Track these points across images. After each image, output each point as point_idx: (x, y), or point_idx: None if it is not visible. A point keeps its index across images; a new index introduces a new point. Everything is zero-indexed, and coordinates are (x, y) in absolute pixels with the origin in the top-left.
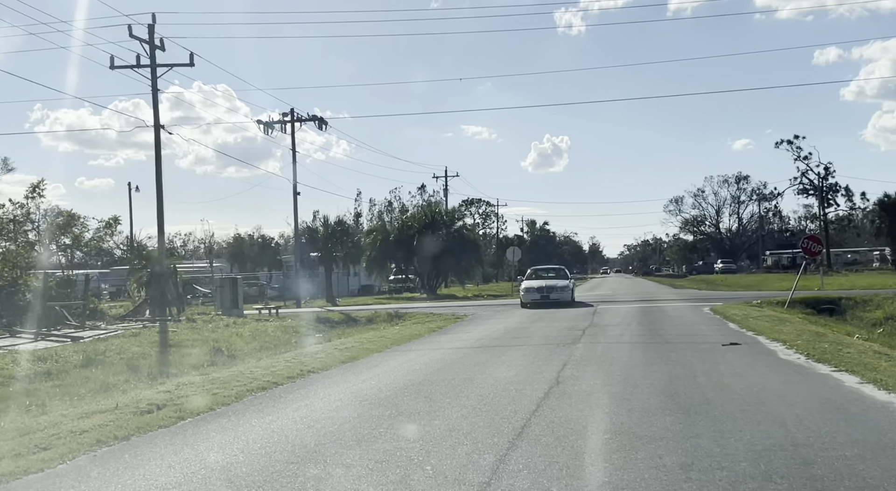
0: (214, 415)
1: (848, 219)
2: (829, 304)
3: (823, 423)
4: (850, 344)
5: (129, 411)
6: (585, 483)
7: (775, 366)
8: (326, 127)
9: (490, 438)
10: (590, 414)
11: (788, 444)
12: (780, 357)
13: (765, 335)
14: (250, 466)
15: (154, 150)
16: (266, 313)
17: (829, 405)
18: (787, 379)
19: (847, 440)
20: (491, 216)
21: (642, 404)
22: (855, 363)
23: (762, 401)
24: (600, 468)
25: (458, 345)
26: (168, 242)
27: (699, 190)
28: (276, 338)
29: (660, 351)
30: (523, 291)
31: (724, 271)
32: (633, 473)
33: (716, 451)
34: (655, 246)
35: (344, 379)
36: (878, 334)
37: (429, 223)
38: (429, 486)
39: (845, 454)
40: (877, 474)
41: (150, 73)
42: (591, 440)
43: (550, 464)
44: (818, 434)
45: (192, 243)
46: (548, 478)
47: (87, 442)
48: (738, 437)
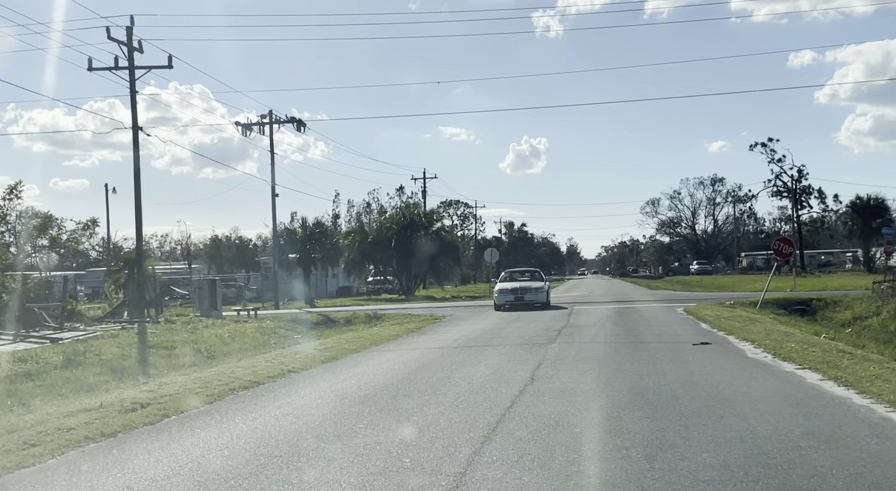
0: (198, 413)
1: (821, 221)
2: (801, 304)
3: (783, 417)
4: (816, 343)
5: (114, 410)
6: (555, 473)
7: (742, 364)
8: (305, 129)
9: (466, 432)
10: (562, 410)
11: (748, 436)
12: (747, 356)
13: (735, 335)
14: (236, 460)
15: (132, 151)
16: (244, 315)
17: (789, 401)
18: (752, 376)
19: (803, 433)
20: (469, 217)
21: (612, 401)
22: (818, 361)
23: (727, 397)
24: (570, 460)
25: (436, 345)
26: (144, 244)
27: (675, 192)
28: (255, 339)
29: (632, 350)
30: (497, 292)
31: (700, 272)
32: (601, 464)
33: (679, 443)
34: (633, 247)
35: (324, 378)
36: (845, 334)
37: (407, 225)
38: (407, 476)
39: (800, 445)
40: (827, 463)
41: (128, 75)
42: (562, 434)
43: (523, 456)
44: (777, 427)
45: (169, 245)
46: (520, 468)
47: (74, 439)
48: (701, 430)
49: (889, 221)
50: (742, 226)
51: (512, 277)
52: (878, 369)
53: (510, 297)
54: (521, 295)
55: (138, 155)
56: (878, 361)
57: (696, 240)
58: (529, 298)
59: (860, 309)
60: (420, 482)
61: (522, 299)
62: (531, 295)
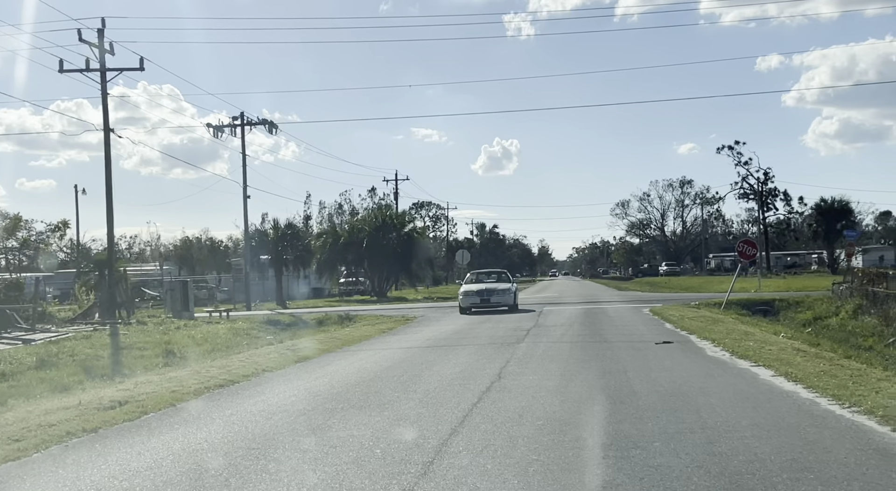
0: (175, 410)
1: (787, 223)
2: (764, 305)
3: (733, 410)
4: (774, 342)
5: (93, 407)
6: (517, 461)
7: (701, 362)
8: (276, 130)
9: (434, 425)
10: (526, 405)
11: (698, 427)
12: (706, 354)
13: (697, 334)
14: (214, 452)
15: (102, 152)
16: (217, 316)
17: (741, 395)
18: (709, 373)
19: (750, 424)
20: (441, 219)
21: (574, 396)
22: (773, 359)
23: (683, 392)
24: (531, 449)
25: (408, 345)
26: (107, 244)
27: (645, 194)
28: (228, 340)
29: (597, 349)
30: (462, 294)
31: (669, 274)
32: (559, 452)
33: (633, 433)
34: (603, 249)
35: (297, 377)
36: (805, 334)
37: (379, 226)
38: (379, 465)
39: (745, 435)
40: (767, 450)
41: (99, 77)
42: (525, 427)
43: (487, 446)
44: (726, 419)
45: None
46: (484, 457)
47: (57, 434)
48: (655, 422)
49: (853, 223)
50: (710, 228)
51: (478, 278)
52: (828, 366)
53: (476, 299)
54: (487, 297)
55: (110, 158)
56: (829, 358)
57: (666, 241)
58: (496, 301)
59: (821, 309)
60: (391, 470)
61: (489, 302)
62: (498, 297)
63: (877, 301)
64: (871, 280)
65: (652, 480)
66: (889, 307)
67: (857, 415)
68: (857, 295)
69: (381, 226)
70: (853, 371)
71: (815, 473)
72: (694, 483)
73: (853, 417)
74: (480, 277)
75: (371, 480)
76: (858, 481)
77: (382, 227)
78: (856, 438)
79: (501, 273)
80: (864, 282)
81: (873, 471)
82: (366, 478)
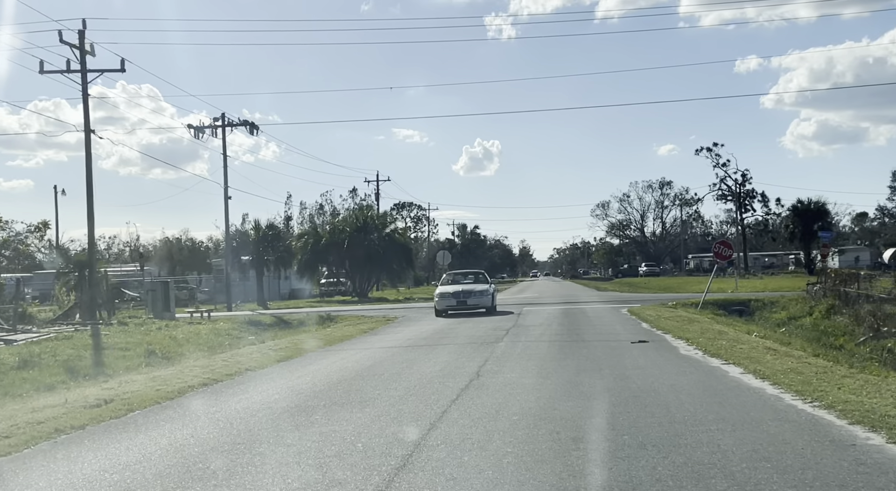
0: (161, 407)
1: (764, 224)
2: (740, 305)
3: (701, 405)
4: (746, 341)
5: (79, 405)
6: (492, 453)
7: (674, 360)
8: (258, 131)
9: (414, 421)
10: (503, 401)
11: (666, 421)
12: (680, 353)
13: (672, 334)
14: (201, 447)
15: (82, 152)
16: (198, 316)
17: (710, 391)
18: (680, 371)
19: (716, 418)
20: (422, 220)
21: (550, 393)
22: (743, 357)
23: (654, 389)
24: (506, 442)
25: (389, 345)
26: (88, 245)
27: (625, 195)
28: (209, 340)
29: (574, 348)
30: (437, 296)
31: (648, 274)
32: (533, 445)
33: (604, 427)
34: (584, 249)
35: (280, 376)
36: (779, 333)
37: (360, 227)
38: (360, 458)
39: (710, 429)
40: (730, 442)
41: (80, 78)
42: (501, 422)
43: (464, 440)
44: (693, 414)
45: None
46: (461, 450)
47: (46, 431)
48: (625, 417)
49: (829, 225)
50: (689, 228)
51: (454, 279)
52: (796, 364)
53: (452, 301)
54: (464, 299)
55: (90, 157)
56: (797, 356)
57: (645, 242)
58: (473, 303)
59: (795, 309)
60: (372, 462)
61: (465, 304)
62: (475, 299)
63: (848, 301)
64: (843, 281)
65: (619, 470)
66: (860, 307)
67: (817, 409)
68: (829, 295)
69: (362, 227)
70: (819, 368)
71: (773, 462)
72: (658, 472)
73: (814, 411)
74: (457, 278)
75: (353, 472)
76: (812, 470)
77: (364, 227)
78: (814, 430)
79: (479, 274)
80: (836, 282)
81: (827, 460)
82: (348, 470)
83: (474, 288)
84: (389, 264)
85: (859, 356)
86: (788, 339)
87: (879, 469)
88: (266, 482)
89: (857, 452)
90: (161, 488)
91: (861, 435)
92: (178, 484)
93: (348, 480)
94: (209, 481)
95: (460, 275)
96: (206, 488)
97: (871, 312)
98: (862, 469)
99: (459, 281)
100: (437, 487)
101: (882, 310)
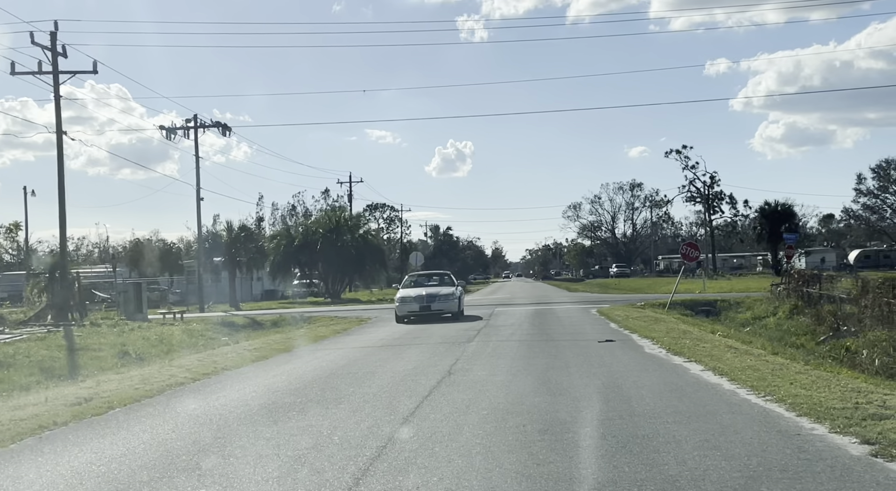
0: (140, 405)
1: (732, 225)
2: (707, 306)
3: (660, 399)
4: (709, 340)
5: (60, 403)
6: (462, 444)
7: (638, 358)
8: (230, 133)
9: (388, 416)
10: (473, 397)
11: (627, 415)
12: (645, 351)
13: (638, 333)
14: (183, 441)
15: (56, 155)
16: (171, 318)
17: (670, 387)
18: (644, 368)
19: (673, 412)
20: (395, 221)
21: (518, 389)
22: (705, 355)
23: (618, 385)
24: (475, 434)
25: (362, 344)
26: (60, 247)
27: (596, 196)
28: (183, 341)
29: (543, 347)
30: (398, 301)
31: (619, 275)
32: (500, 436)
33: (568, 421)
34: (556, 250)
35: (256, 375)
36: (740, 332)
37: (333, 228)
38: (336, 449)
39: (667, 421)
40: (685, 433)
41: (52, 79)
42: (471, 416)
43: (436, 433)
44: (653, 408)
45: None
46: (433, 442)
47: (30, 427)
48: (589, 411)
49: (796, 227)
50: (659, 230)
51: (417, 281)
52: (754, 361)
53: (414, 306)
54: (427, 303)
55: (62, 159)
56: (757, 354)
57: (616, 243)
58: (438, 307)
59: (759, 309)
60: (348, 453)
61: (429, 309)
62: (440, 303)
63: (811, 301)
64: (805, 282)
65: (580, 459)
66: (821, 307)
67: (769, 403)
68: (793, 296)
69: (335, 228)
70: (775, 366)
71: (723, 450)
72: (616, 460)
73: (766, 404)
74: (420, 281)
75: (330, 463)
76: (758, 457)
77: (336, 229)
78: (764, 422)
79: (444, 275)
80: (799, 283)
81: (772, 448)
82: (325, 460)
83: (439, 291)
84: (362, 266)
85: (818, 354)
86: (751, 338)
87: (819, 456)
88: (247, 472)
89: (801, 440)
90: (147, 478)
91: (806, 426)
92: (164, 474)
93: (325, 469)
94: (193, 473)
95: (424, 276)
96: (190, 479)
97: (832, 312)
98: (803, 456)
99: (423, 283)
100: (409, 474)
101: (842, 310)
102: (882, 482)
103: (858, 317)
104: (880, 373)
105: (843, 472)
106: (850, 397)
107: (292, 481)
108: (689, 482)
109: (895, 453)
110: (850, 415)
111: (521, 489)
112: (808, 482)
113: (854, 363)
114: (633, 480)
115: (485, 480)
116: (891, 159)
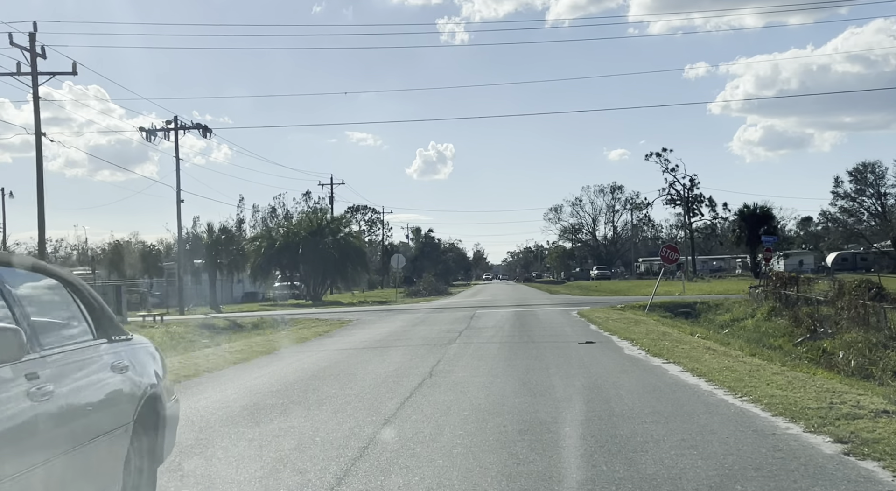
0: None
1: (712, 228)
2: (686, 308)
3: (640, 400)
4: (688, 342)
5: None
6: (443, 445)
7: (618, 359)
8: (211, 135)
9: (369, 417)
10: (454, 398)
11: (606, 415)
12: (624, 353)
13: (618, 335)
14: None
15: (35, 157)
16: (151, 320)
17: (649, 388)
18: (623, 369)
19: (651, 412)
20: (377, 223)
21: (499, 390)
22: (683, 356)
23: (597, 385)
24: (456, 435)
25: (344, 346)
26: (38, 249)
27: (577, 199)
28: (164, 343)
29: (524, 349)
30: None
31: (599, 277)
32: (481, 436)
33: (548, 421)
34: (537, 253)
35: (238, 377)
36: (721, 335)
37: (315, 230)
38: (319, 450)
39: (646, 421)
40: (662, 432)
41: (30, 81)
42: (452, 417)
43: (417, 433)
44: (631, 408)
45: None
46: (414, 442)
47: None
48: (568, 411)
49: (774, 229)
50: (640, 232)
51: None
52: (731, 362)
53: None
54: None
55: (41, 160)
56: (734, 356)
57: (597, 246)
58: None
59: (738, 311)
60: (330, 454)
61: None
62: None
63: (788, 303)
64: (783, 284)
65: (559, 457)
66: (799, 309)
67: (746, 403)
68: (771, 298)
69: (316, 230)
70: (753, 367)
71: (699, 449)
72: (595, 459)
73: (743, 405)
74: None
75: (313, 463)
76: (733, 455)
77: (318, 231)
78: (740, 421)
79: None
80: (777, 285)
81: (748, 447)
82: (307, 460)
83: None
84: (343, 268)
85: (795, 356)
86: (729, 340)
87: (793, 454)
88: (229, 473)
89: (776, 439)
90: None
91: (782, 425)
92: None
93: (308, 470)
94: (175, 473)
95: None
96: (172, 480)
97: (809, 314)
98: (778, 454)
99: None
100: (391, 474)
101: (819, 311)
102: (853, 479)
103: (835, 319)
104: (855, 374)
105: (816, 470)
106: (824, 398)
107: (275, 482)
108: (666, 481)
109: (867, 452)
110: (824, 415)
111: (503, 488)
112: (783, 480)
113: (830, 364)
114: (611, 478)
115: (466, 480)
116: (868, 163)
